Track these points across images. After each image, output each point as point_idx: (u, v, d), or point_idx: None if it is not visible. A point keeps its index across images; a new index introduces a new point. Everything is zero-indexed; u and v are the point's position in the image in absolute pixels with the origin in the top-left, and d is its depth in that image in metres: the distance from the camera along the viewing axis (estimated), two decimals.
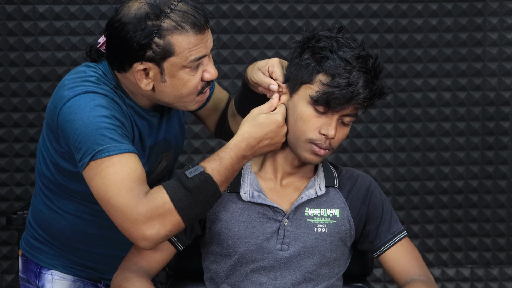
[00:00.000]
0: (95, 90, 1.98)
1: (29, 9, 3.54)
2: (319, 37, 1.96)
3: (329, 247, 2.02)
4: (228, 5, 3.60)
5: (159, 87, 1.99)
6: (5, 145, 3.59)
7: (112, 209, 1.88)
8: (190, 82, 1.98)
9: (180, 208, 1.86)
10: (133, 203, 1.85)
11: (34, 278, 2.27)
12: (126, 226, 1.87)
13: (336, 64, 1.90)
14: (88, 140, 1.90)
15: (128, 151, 1.91)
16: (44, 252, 2.25)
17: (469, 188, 3.74)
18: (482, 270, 3.79)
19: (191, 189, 1.87)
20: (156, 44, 1.92)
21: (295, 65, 1.97)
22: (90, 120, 1.91)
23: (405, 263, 2.05)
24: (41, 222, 2.24)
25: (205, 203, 1.90)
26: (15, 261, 3.61)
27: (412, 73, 3.67)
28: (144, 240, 1.87)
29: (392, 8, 3.64)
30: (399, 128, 3.71)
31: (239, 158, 1.93)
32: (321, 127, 1.95)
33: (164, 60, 1.94)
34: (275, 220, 2.01)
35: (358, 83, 1.90)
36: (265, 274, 2.01)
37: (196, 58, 1.95)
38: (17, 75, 3.56)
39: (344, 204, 2.06)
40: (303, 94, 1.95)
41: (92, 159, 1.89)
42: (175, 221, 1.87)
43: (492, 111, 3.70)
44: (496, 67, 3.68)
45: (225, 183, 1.93)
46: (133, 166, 1.90)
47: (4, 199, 3.62)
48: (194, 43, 1.93)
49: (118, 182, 1.86)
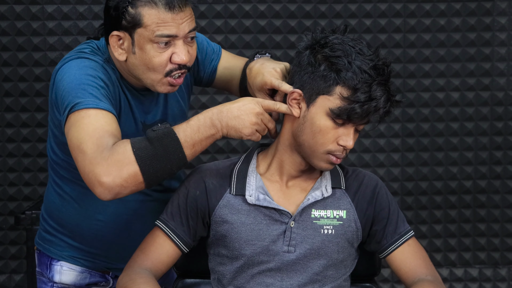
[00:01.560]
0: (86, 57, 2.08)
1: (37, 9, 3.55)
2: (332, 45, 1.94)
3: (336, 248, 2.02)
4: (236, 5, 3.60)
5: (130, 59, 2.05)
6: (13, 145, 3.60)
7: (80, 155, 1.89)
8: (156, 58, 2.01)
9: (138, 156, 1.86)
10: (100, 150, 1.87)
11: (46, 270, 2.31)
12: (87, 170, 1.88)
13: (355, 76, 1.89)
14: (70, 94, 1.97)
15: (106, 109, 1.95)
16: (54, 243, 2.29)
17: (478, 188, 3.73)
18: (491, 270, 3.78)
19: (152, 139, 1.88)
20: (128, 13, 2.00)
21: (308, 74, 1.95)
22: (75, 77, 2.00)
23: (412, 263, 2.05)
24: (51, 211, 2.28)
25: (165, 159, 1.88)
26: (23, 261, 3.63)
27: (420, 73, 3.66)
28: (100, 186, 1.87)
29: (401, 8, 3.63)
30: (407, 128, 3.70)
31: (207, 122, 1.92)
32: (339, 138, 1.94)
33: (134, 30, 2.01)
34: (281, 222, 2.01)
35: (379, 97, 1.90)
36: (271, 275, 2.01)
37: (163, 35, 1.99)
38: (25, 75, 3.57)
39: (350, 205, 2.05)
40: (321, 105, 1.93)
41: (70, 112, 1.94)
42: (132, 171, 1.86)
43: (501, 111, 3.69)
44: (504, 67, 3.67)
45: (190, 147, 1.91)
46: (108, 121, 1.93)
47: (13, 199, 3.63)
48: (164, 19, 1.98)
49: (90, 130, 1.90)
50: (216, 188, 2.04)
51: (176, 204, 2.05)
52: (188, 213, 2.03)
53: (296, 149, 2.01)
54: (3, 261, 3.66)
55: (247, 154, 2.10)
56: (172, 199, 2.07)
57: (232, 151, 3.68)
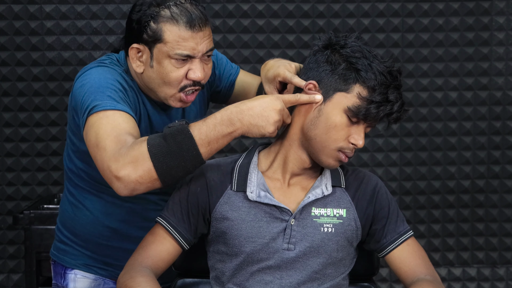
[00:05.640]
0: (106, 66, 2.15)
1: (35, 9, 3.55)
2: (351, 46, 1.97)
3: (335, 247, 2.02)
4: (235, 5, 3.61)
5: (147, 72, 2.11)
6: (11, 144, 3.60)
7: (99, 152, 1.92)
8: (173, 73, 2.07)
9: (152, 153, 1.87)
10: (118, 147, 1.90)
11: (60, 279, 2.33)
12: (106, 166, 1.90)
13: (374, 77, 1.93)
14: (89, 98, 2.01)
15: (124, 110, 1.99)
16: (68, 253, 2.31)
17: (476, 187, 3.74)
18: (489, 270, 3.78)
19: (166, 135, 1.88)
20: (150, 27, 2.06)
21: (326, 71, 1.97)
22: (95, 81, 2.06)
23: (411, 263, 2.05)
24: (65, 221, 2.31)
25: (179, 156, 1.88)
26: (22, 261, 3.63)
27: (418, 73, 3.66)
28: (117, 180, 1.88)
29: (399, 8, 3.64)
30: (406, 128, 3.70)
31: (224, 120, 1.90)
32: (351, 137, 1.96)
33: (154, 45, 2.07)
34: (281, 219, 2.01)
35: (395, 101, 1.94)
36: (271, 273, 2.01)
37: (182, 54, 2.05)
38: (23, 74, 3.57)
39: (350, 204, 2.06)
40: (338, 102, 1.95)
41: (89, 114, 1.98)
42: (146, 167, 1.87)
43: (499, 110, 3.70)
44: (502, 67, 3.68)
45: (205, 144, 1.90)
46: (126, 120, 1.97)
47: (11, 198, 3.64)
48: (184, 37, 2.05)
49: (109, 129, 1.94)
50: (217, 185, 2.05)
51: (177, 200, 2.05)
52: (189, 210, 2.03)
53: (303, 144, 2.02)
54: (1, 261, 3.66)
55: (249, 152, 2.10)
56: (173, 196, 2.07)
57: (231, 150, 3.68)
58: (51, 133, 3.61)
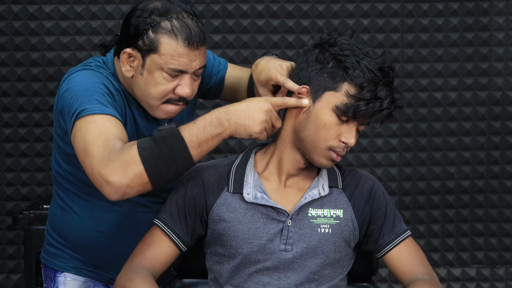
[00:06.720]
0: (92, 69, 2.12)
1: (35, 9, 3.56)
2: (341, 44, 1.96)
3: (333, 247, 2.02)
4: (234, 5, 3.61)
5: (136, 78, 2.09)
6: (11, 144, 3.60)
7: (87, 157, 1.91)
8: (161, 86, 2.06)
9: (143, 157, 1.86)
10: (107, 151, 1.89)
11: (51, 282, 2.32)
12: (95, 171, 1.89)
13: (362, 75, 1.92)
14: (76, 102, 2.00)
15: (111, 114, 1.98)
16: (57, 256, 2.30)
17: (475, 188, 3.74)
18: (488, 270, 3.78)
19: (157, 138, 1.88)
20: (147, 36, 2.03)
21: (315, 70, 1.97)
22: (81, 85, 2.03)
23: (409, 263, 2.05)
24: (54, 224, 2.30)
25: (170, 159, 1.88)
26: (21, 261, 3.63)
27: (418, 73, 3.66)
28: (108, 185, 1.88)
29: (398, 8, 3.64)
30: (405, 128, 3.70)
31: (213, 122, 1.91)
32: (342, 135, 1.96)
33: (148, 54, 2.04)
34: (278, 221, 2.01)
35: (384, 98, 1.93)
36: (268, 274, 2.01)
37: (175, 69, 2.04)
38: (23, 75, 3.58)
39: (347, 204, 2.06)
40: (327, 101, 1.95)
41: (77, 119, 1.96)
42: (137, 171, 1.87)
43: (498, 110, 3.70)
44: (502, 67, 3.68)
45: (196, 146, 1.90)
46: (113, 124, 1.96)
47: (10, 198, 3.64)
48: (180, 53, 2.03)
49: (96, 133, 1.93)
50: (214, 187, 2.05)
51: (175, 202, 2.05)
52: (186, 212, 2.03)
53: (296, 145, 2.02)
54: (0, 261, 3.66)
55: (245, 153, 2.10)
56: (170, 198, 2.07)
57: (230, 151, 3.68)
58: (51, 134, 3.61)
